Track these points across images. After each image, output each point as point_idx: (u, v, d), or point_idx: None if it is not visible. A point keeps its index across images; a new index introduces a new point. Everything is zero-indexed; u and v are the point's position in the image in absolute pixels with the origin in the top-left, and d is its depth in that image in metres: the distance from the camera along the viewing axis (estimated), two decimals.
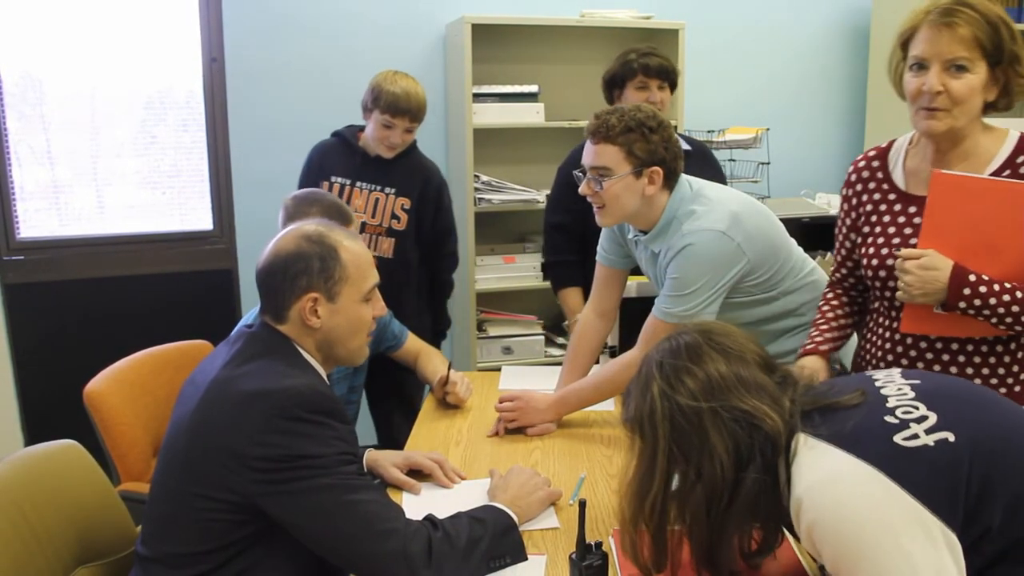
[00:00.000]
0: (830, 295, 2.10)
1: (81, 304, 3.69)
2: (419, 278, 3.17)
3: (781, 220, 2.31)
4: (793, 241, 2.31)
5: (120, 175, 3.82)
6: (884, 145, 1.99)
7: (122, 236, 3.78)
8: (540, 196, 3.82)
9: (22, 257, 3.65)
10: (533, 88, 3.86)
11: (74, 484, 1.74)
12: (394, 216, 3.03)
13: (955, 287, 1.69)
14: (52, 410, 3.61)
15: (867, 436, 1.28)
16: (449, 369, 2.58)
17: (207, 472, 1.52)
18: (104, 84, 3.72)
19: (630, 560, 1.48)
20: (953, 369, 1.82)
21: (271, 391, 1.52)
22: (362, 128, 3.09)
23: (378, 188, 3.03)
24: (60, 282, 3.68)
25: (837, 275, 2.09)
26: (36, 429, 3.69)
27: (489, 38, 3.81)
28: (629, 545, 1.46)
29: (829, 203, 4.16)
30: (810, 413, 1.36)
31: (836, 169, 4.67)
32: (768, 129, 3.99)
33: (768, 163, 4.01)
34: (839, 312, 2.06)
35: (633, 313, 2.47)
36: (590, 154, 2.13)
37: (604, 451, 2.22)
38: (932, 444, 1.25)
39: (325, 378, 1.72)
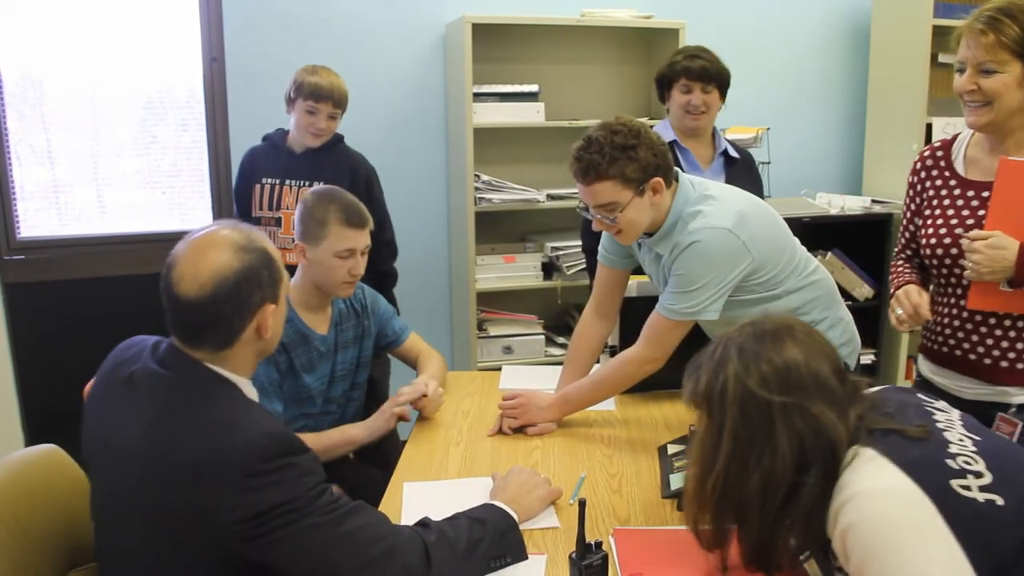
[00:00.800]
0: (901, 262, 2.23)
1: (81, 304, 3.68)
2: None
3: None
4: (796, 240, 2.31)
5: (120, 175, 3.82)
6: (949, 138, 2.12)
7: (122, 236, 3.78)
8: (540, 195, 3.81)
9: (22, 257, 3.65)
10: (533, 88, 3.86)
11: (61, 488, 1.71)
12: None
13: (1023, 265, 1.81)
14: (52, 409, 3.60)
15: (927, 468, 1.31)
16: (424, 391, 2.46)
17: (182, 544, 1.42)
18: (104, 84, 3.71)
19: (692, 533, 1.50)
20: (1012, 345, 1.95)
21: (224, 454, 1.39)
22: (289, 131, 3.17)
23: (306, 183, 3.10)
24: (60, 282, 3.68)
25: (901, 256, 2.23)
26: (36, 428, 3.68)
27: (489, 37, 3.81)
28: (692, 521, 1.49)
29: (829, 203, 4.17)
30: (874, 432, 1.38)
31: (836, 169, 4.67)
32: (768, 129, 3.99)
33: (768, 163, 4.01)
34: (915, 267, 2.20)
35: (633, 312, 2.46)
36: (589, 195, 2.10)
37: (604, 451, 2.22)
38: (981, 502, 1.29)
39: (253, 393, 1.61)
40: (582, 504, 1.54)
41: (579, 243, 3.81)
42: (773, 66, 4.48)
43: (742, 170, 3.04)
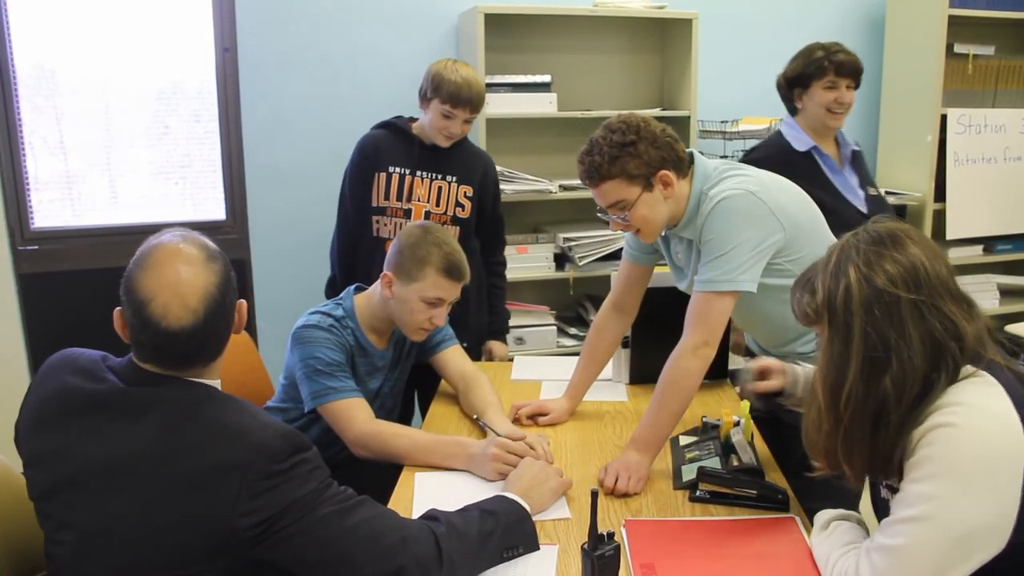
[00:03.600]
0: None
1: (95, 294, 3.68)
2: (480, 271, 3.12)
3: None
4: (828, 228, 2.24)
5: (133, 166, 3.82)
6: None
7: (135, 226, 3.78)
8: (553, 186, 3.80)
9: (36, 247, 3.66)
10: (546, 78, 3.85)
11: (3, 500, 1.65)
12: (458, 204, 3.00)
13: None
14: None
15: None
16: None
17: (193, 557, 1.37)
18: (117, 75, 3.72)
19: (819, 461, 1.45)
20: None
21: (239, 458, 1.36)
22: (412, 119, 3.06)
23: (439, 176, 2.99)
24: (74, 272, 3.69)
25: None
26: None
27: (502, 27, 3.80)
28: (823, 446, 1.43)
29: None
30: (990, 361, 1.36)
31: None
32: (782, 119, 3.96)
33: None
34: None
35: (646, 302, 2.45)
36: (598, 196, 2.09)
37: (616, 442, 2.22)
38: None
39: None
40: (594, 495, 1.54)
41: (591, 234, 3.82)
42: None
43: (862, 161, 3.01)
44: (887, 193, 4.13)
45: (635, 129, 2.03)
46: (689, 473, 1.95)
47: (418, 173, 2.98)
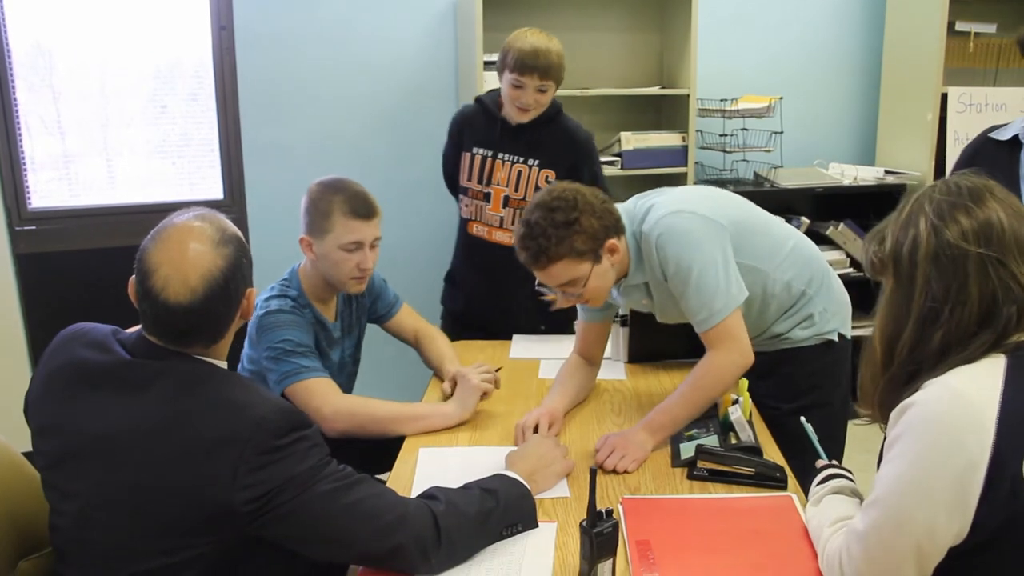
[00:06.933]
0: None
1: (93, 274, 3.69)
2: None
3: (793, 190, 2.25)
4: (768, 215, 2.23)
5: (130, 145, 3.82)
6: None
7: (133, 206, 3.78)
8: None
9: (33, 227, 3.66)
10: None
11: (1, 477, 1.63)
12: (538, 189, 2.88)
13: None
14: None
15: None
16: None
17: (190, 529, 1.38)
18: (113, 54, 3.70)
19: (867, 405, 1.44)
20: None
21: (239, 432, 1.37)
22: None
23: (521, 160, 2.89)
24: (71, 252, 3.69)
25: None
26: None
27: (500, 6, 3.77)
28: (870, 393, 1.42)
29: (842, 173, 4.13)
30: None
31: (850, 139, 4.62)
32: (782, 98, 3.95)
33: (781, 132, 3.98)
34: None
35: (640, 317, 2.43)
36: (546, 279, 1.99)
37: (615, 419, 2.22)
38: None
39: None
40: (593, 473, 1.54)
41: None
42: (786, 34, 4.42)
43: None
44: (887, 172, 4.13)
45: (574, 204, 1.93)
46: (688, 451, 1.95)
47: (500, 155, 2.90)
